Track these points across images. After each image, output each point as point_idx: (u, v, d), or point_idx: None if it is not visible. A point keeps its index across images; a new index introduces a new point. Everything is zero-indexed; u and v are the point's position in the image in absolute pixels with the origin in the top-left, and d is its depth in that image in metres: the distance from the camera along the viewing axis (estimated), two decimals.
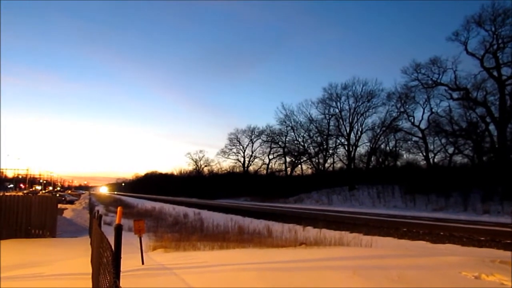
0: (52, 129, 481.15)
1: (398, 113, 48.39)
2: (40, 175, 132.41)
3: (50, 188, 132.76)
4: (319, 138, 62.84)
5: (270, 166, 74.64)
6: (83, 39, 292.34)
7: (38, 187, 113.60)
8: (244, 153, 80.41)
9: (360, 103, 55.00)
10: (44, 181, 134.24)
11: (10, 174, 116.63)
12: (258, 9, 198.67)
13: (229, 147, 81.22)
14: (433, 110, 43.66)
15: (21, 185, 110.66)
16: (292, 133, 67.36)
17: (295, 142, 67.27)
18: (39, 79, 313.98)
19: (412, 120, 45.98)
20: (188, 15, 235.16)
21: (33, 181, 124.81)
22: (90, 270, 6.90)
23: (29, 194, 21.54)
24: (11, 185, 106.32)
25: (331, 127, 60.13)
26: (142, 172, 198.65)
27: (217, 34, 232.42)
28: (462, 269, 6.23)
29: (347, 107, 56.34)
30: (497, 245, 11.72)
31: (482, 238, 12.83)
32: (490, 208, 26.24)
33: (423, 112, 44.70)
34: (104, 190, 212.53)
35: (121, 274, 2.71)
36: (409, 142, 47.99)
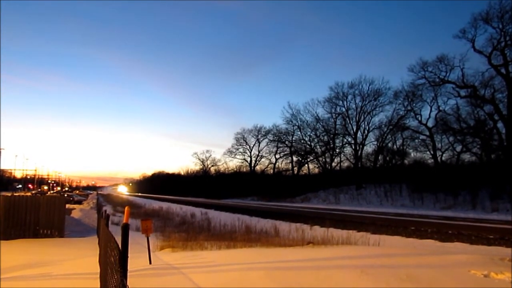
0: (60, 130, 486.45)
1: (405, 112, 48.11)
2: (48, 175, 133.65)
3: (58, 188, 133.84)
4: (325, 137, 62.74)
5: (276, 166, 74.55)
6: (92, 40, 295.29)
7: (46, 187, 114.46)
8: (250, 152, 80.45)
9: (366, 102, 54.87)
10: (52, 182, 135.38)
11: (18, 174, 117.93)
12: (264, 9, 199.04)
13: (236, 146, 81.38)
14: (440, 108, 43.41)
15: (30, 185, 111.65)
16: (299, 133, 67.29)
17: (302, 141, 67.21)
18: (47, 80, 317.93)
19: (420, 119, 45.71)
20: (195, 16, 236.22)
21: (41, 181, 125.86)
22: (98, 270, 6.93)
23: (37, 195, 21.74)
24: (20, 186, 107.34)
25: (337, 126, 60.07)
26: (149, 172, 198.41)
27: (223, 34, 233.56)
28: (471, 267, 6.17)
29: (353, 106, 56.28)
30: (506, 243, 11.61)
31: (491, 236, 12.72)
32: (499, 206, 26.03)
33: (431, 110, 44.50)
34: (123, 190, 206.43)
35: (128, 273, 2.71)
36: (417, 140, 47.71)
